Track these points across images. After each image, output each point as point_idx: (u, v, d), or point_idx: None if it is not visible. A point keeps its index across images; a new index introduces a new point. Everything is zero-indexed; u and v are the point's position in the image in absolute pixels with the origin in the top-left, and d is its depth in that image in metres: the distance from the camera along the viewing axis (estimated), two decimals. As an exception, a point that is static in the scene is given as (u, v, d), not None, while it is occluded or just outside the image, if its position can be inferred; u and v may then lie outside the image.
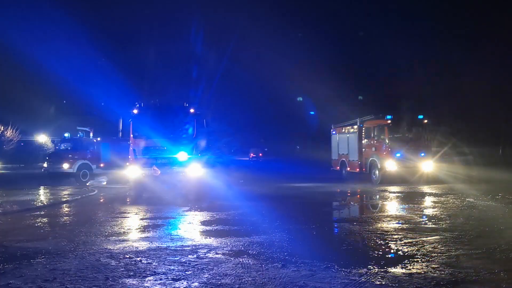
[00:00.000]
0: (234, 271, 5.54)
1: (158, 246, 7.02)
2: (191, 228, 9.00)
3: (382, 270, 5.55)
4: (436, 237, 7.49)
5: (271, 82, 40.74)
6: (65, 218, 10.93)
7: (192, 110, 15.42)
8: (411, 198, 13.55)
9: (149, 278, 5.34)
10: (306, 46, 37.43)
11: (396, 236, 7.61)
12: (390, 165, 18.43)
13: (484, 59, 30.91)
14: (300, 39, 39.01)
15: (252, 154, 38.91)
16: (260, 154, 39.55)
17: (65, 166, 21.66)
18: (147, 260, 6.15)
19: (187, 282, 5.14)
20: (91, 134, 23.64)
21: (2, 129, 37.78)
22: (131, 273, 5.52)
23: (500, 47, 30.42)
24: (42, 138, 40.94)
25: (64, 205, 13.10)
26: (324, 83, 33.92)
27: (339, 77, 35.03)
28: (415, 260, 6.02)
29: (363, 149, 20.39)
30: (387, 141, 18.90)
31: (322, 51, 35.08)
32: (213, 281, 5.18)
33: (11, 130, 38.03)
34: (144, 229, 8.84)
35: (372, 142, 19.84)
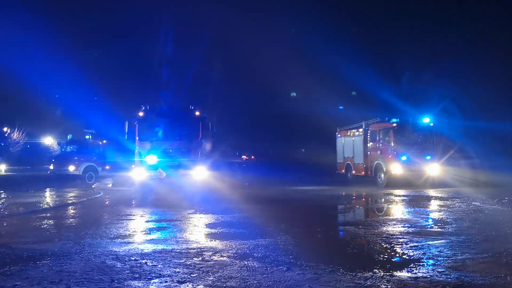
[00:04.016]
0: (239, 274, 5.54)
1: (164, 249, 7.03)
2: (196, 230, 9.01)
3: (387, 273, 5.53)
4: (442, 240, 7.46)
5: (275, 83, 40.77)
6: (71, 220, 10.97)
7: (197, 113, 15.48)
8: (416, 201, 13.49)
9: (154, 280, 5.35)
10: (308, 46, 37.41)
11: (401, 240, 7.58)
12: (396, 168, 18.36)
13: (491, 60, 30.77)
14: (303, 39, 39.01)
15: (244, 157, 39.63)
16: (252, 157, 40.25)
17: (71, 168, 21.76)
18: (152, 262, 6.16)
19: (192, 285, 5.15)
20: (94, 136, 23.78)
21: (8, 131, 38.06)
22: (137, 276, 5.53)
23: (508, 47, 30.27)
24: (48, 141, 41.18)
25: (70, 207, 13.15)
26: (327, 85, 33.93)
27: (344, 80, 35.00)
28: (421, 264, 6.00)
29: (369, 152, 20.34)
30: (392, 144, 18.86)
31: (325, 51, 35.07)
32: (218, 283, 5.18)
33: (17, 132, 38.31)
34: (149, 231, 8.86)
35: (377, 145, 19.79)
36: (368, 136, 20.43)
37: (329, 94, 34.70)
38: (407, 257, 6.40)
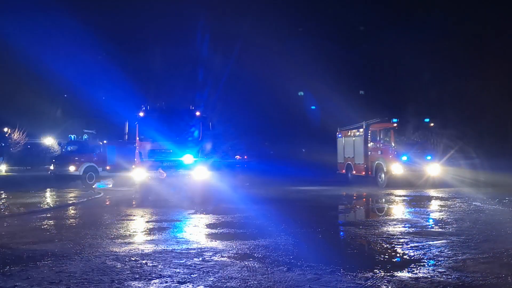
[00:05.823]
0: (239, 274, 5.54)
1: (164, 249, 7.03)
2: (196, 231, 9.01)
3: (388, 274, 5.52)
4: (442, 241, 7.45)
5: (276, 84, 40.79)
6: (71, 220, 10.97)
7: (198, 113, 15.45)
8: (417, 201, 13.48)
9: (154, 281, 5.34)
10: (311, 46, 37.38)
11: (402, 240, 7.58)
12: (396, 169, 18.35)
13: (492, 61, 30.76)
14: (305, 41, 38.99)
15: (238, 157, 40.20)
16: (245, 157, 40.78)
17: (72, 168, 21.74)
18: (152, 263, 6.16)
19: (193, 285, 5.15)
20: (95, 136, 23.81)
21: (9, 131, 38.09)
22: (137, 276, 5.53)
23: (508, 48, 30.26)
24: (49, 141, 41.17)
25: (70, 207, 13.16)
26: (329, 86, 33.89)
27: (345, 80, 35.00)
28: (422, 264, 5.99)
29: (369, 152, 20.33)
30: (393, 144, 18.85)
31: (327, 52, 35.11)
32: (219, 284, 5.18)
33: (18, 132, 38.33)
34: (149, 231, 8.86)
35: (378, 145, 19.78)
36: (369, 136, 20.41)
37: (330, 94, 34.67)
38: (407, 258, 6.40)
